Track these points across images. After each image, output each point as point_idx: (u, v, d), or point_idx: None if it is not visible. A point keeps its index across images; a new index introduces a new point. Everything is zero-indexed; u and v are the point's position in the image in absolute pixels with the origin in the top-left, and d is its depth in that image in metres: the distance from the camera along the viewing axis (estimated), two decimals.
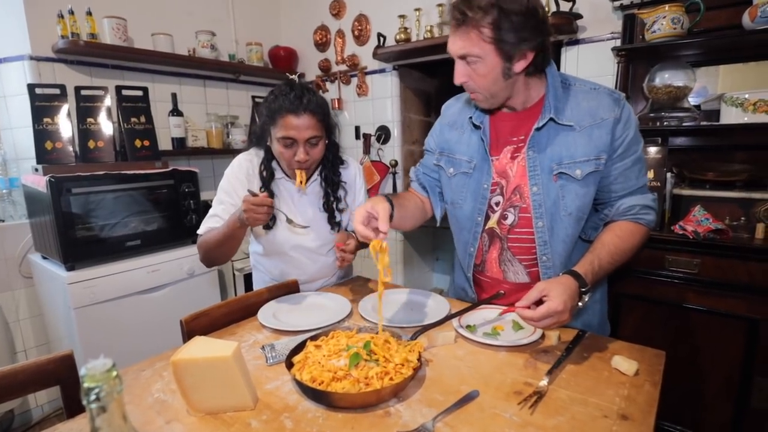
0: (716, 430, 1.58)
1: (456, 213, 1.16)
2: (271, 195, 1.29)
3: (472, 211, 1.11)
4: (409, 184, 1.31)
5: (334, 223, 1.38)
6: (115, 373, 0.45)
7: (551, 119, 0.99)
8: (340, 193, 1.39)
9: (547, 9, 2.06)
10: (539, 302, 0.89)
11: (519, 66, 0.94)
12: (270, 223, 1.30)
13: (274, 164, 1.33)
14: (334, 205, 1.37)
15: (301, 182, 1.24)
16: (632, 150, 1.00)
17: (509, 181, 1.06)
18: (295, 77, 1.23)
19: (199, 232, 1.32)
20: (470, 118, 1.10)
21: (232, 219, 1.17)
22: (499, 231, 1.09)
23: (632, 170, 1.01)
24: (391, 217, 0.98)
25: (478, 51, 0.91)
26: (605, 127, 0.97)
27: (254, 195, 1.11)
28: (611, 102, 0.99)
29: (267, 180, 1.31)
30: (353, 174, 1.43)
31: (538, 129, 1.00)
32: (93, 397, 0.44)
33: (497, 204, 1.08)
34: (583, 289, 0.91)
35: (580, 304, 0.91)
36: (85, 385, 0.44)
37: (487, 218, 1.11)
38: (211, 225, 1.29)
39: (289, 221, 1.24)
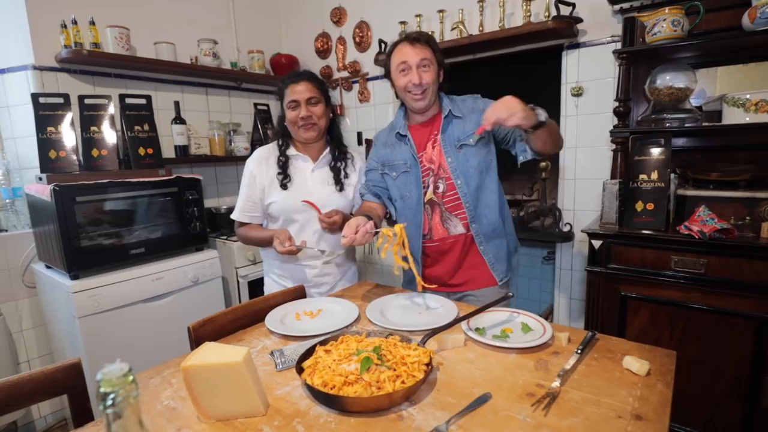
0: (726, 430, 1.56)
1: (406, 203, 1.49)
2: (288, 177, 1.53)
3: (418, 197, 1.46)
4: (363, 200, 1.60)
5: (340, 183, 1.57)
6: (131, 378, 0.44)
7: (450, 111, 1.44)
8: (348, 161, 1.61)
9: (547, 13, 2.08)
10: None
11: (441, 77, 1.44)
12: (286, 183, 1.53)
13: (290, 151, 1.56)
14: (342, 168, 1.58)
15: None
16: None
17: (435, 163, 1.44)
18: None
19: (235, 218, 1.59)
20: (397, 133, 1.49)
21: (267, 236, 1.47)
22: (436, 199, 1.46)
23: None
24: (376, 225, 1.33)
25: (431, 56, 1.38)
26: (477, 112, 1.40)
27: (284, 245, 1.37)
28: (474, 99, 1.48)
29: (283, 165, 1.54)
30: (357, 159, 1.66)
31: (445, 117, 1.44)
32: (109, 402, 0.43)
33: (431, 182, 1.45)
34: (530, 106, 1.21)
35: (540, 112, 1.21)
36: (101, 390, 0.43)
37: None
38: (243, 219, 1.58)
39: (321, 251, 1.52)
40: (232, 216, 1.59)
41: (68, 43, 2.05)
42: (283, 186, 1.51)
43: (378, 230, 1.28)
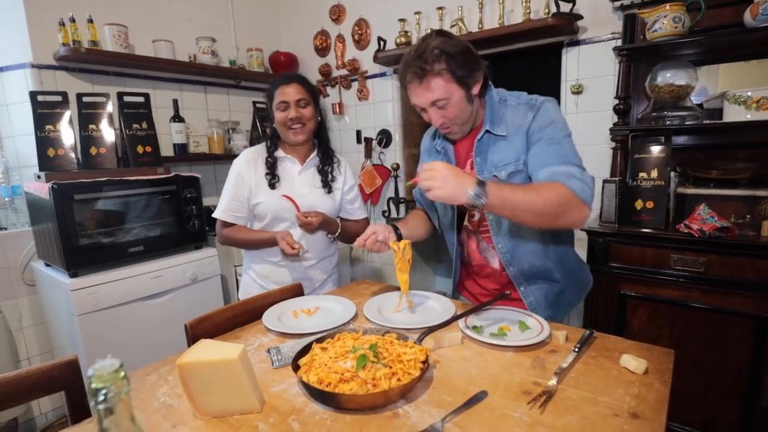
0: (726, 429, 1.56)
1: (443, 220, 1.37)
2: (276, 178, 1.53)
3: (452, 217, 1.33)
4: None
5: (328, 186, 1.58)
6: (122, 374, 0.44)
7: (487, 131, 1.18)
8: (334, 164, 1.62)
9: (547, 10, 2.07)
10: None
11: (476, 89, 1.13)
12: (275, 183, 1.52)
13: (278, 152, 1.55)
14: (329, 171, 1.59)
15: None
16: (545, 135, 1.11)
17: None
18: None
19: (218, 216, 1.55)
20: (434, 145, 1.32)
21: (267, 237, 1.49)
22: (471, 227, 1.31)
23: (547, 151, 1.09)
24: (399, 236, 1.26)
25: (445, 94, 1.09)
26: (521, 133, 1.15)
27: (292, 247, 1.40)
28: (527, 110, 1.15)
29: (271, 165, 1.53)
30: (343, 163, 1.67)
31: (479, 140, 1.20)
32: (101, 398, 0.43)
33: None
34: (479, 184, 0.96)
35: (470, 194, 0.95)
36: (93, 385, 0.43)
37: (462, 219, 1.33)
38: (229, 219, 1.54)
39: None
40: (215, 215, 1.55)
41: (66, 41, 2.05)
42: (272, 186, 1.51)
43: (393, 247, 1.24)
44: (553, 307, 1.28)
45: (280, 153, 1.56)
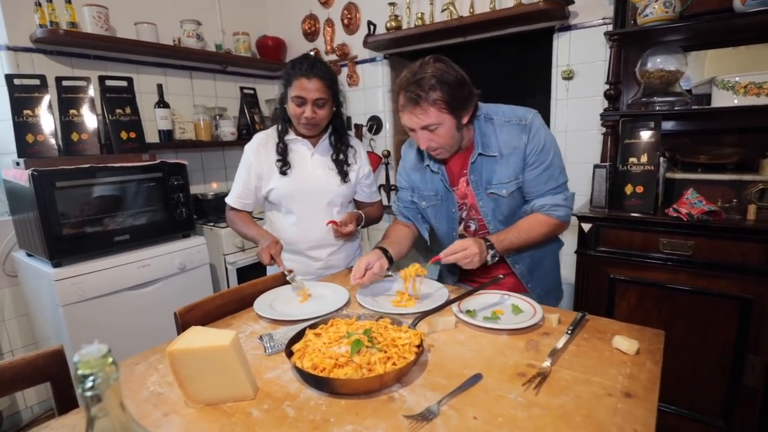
0: (710, 408, 1.60)
1: (436, 231, 1.44)
2: (287, 165, 1.49)
3: (448, 229, 1.39)
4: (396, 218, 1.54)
5: (343, 174, 1.53)
6: (111, 360, 0.42)
7: (480, 154, 1.25)
8: (349, 153, 1.56)
9: None
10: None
11: (466, 118, 1.20)
12: (286, 170, 1.48)
13: (288, 136, 1.50)
14: (342, 159, 1.54)
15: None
16: (540, 160, 1.23)
17: (468, 201, 1.33)
18: (311, 53, 1.47)
19: (228, 202, 1.56)
20: (427, 166, 1.34)
21: (252, 235, 1.47)
22: (468, 236, 1.36)
23: (541, 177, 1.24)
24: (390, 260, 1.30)
25: (436, 120, 1.13)
26: (518, 153, 1.23)
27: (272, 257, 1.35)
28: (519, 131, 1.23)
29: (282, 151, 1.49)
30: (359, 151, 1.62)
31: (472, 163, 1.27)
32: (88, 384, 0.41)
33: (463, 218, 1.38)
34: (489, 248, 1.19)
35: (488, 258, 1.19)
36: (79, 372, 0.41)
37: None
38: (237, 205, 1.55)
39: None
40: (226, 199, 1.57)
41: (43, 22, 1.96)
42: (283, 173, 1.48)
43: (389, 274, 1.27)
44: (556, 292, 1.44)
45: (290, 135, 1.51)
